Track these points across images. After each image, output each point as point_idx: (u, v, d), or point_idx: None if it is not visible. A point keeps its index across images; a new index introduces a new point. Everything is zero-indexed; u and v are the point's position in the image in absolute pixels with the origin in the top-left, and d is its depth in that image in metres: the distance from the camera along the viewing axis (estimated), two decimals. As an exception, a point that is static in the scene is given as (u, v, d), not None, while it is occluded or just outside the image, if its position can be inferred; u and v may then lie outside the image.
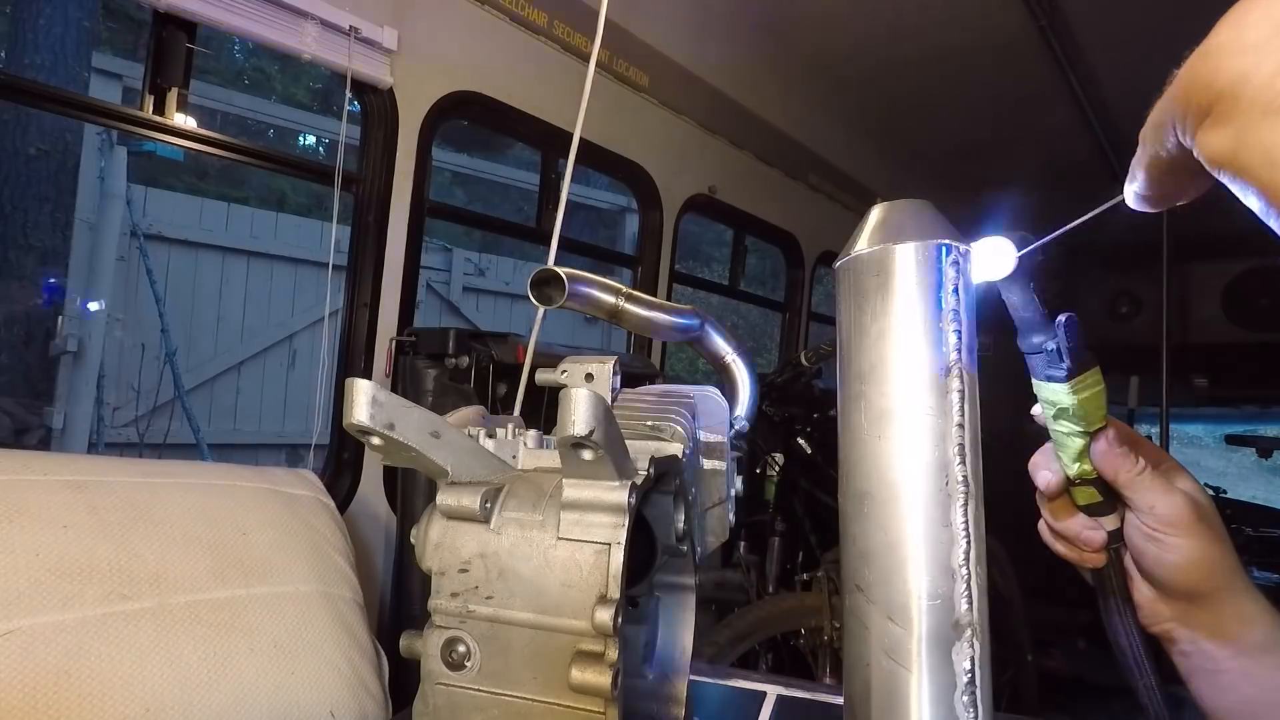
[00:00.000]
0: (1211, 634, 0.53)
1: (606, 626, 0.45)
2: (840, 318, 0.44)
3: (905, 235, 0.41)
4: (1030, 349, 0.49)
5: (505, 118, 2.41)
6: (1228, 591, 0.52)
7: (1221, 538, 0.53)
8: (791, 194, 3.95)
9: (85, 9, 5.25)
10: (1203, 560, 0.51)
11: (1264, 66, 0.23)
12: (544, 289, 0.75)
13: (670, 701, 0.64)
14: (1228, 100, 0.24)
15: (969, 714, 0.39)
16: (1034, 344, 0.49)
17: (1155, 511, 0.51)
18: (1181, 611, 0.54)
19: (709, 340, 0.92)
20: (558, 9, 2.46)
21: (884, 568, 0.41)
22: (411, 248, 2.13)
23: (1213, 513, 0.53)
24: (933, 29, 3.09)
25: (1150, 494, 0.51)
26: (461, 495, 0.49)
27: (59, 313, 5.17)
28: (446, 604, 0.49)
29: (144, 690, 1.04)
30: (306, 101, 8.62)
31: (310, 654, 1.24)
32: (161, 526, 1.19)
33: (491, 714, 0.49)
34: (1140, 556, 0.54)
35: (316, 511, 1.46)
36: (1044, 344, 0.48)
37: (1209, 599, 0.52)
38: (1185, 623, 0.54)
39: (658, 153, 3.00)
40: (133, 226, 5.61)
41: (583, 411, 0.42)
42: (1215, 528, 0.53)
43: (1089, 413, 0.49)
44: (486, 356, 2.00)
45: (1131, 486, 0.52)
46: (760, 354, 8.87)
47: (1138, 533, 0.53)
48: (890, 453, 0.41)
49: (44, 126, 4.99)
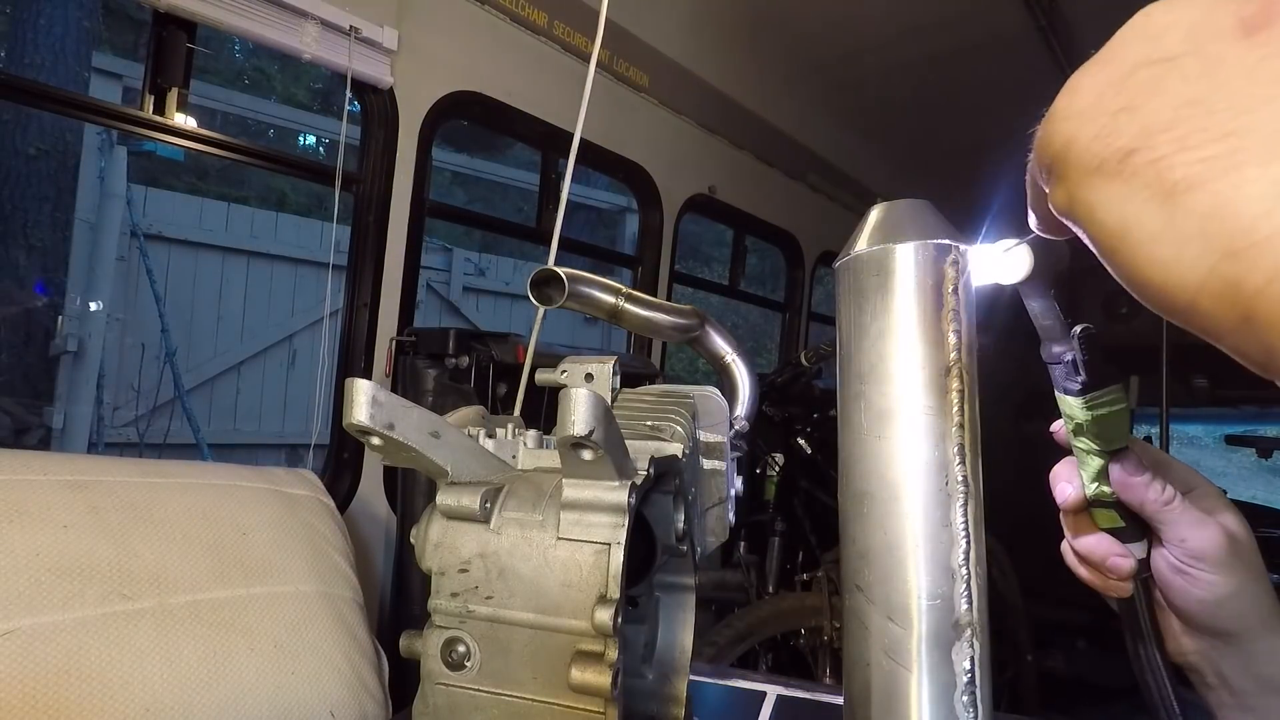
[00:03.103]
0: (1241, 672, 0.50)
1: (606, 626, 0.45)
2: (840, 318, 0.44)
3: (905, 235, 0.41)
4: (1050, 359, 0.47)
5: (505, 118, 2.41)
6: (1261, 630, 0.49)
7: (1258, 575, 0.49)
8: (791, 194, 3.95)
9: (85, 9, 5.25)
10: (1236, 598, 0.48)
11: (1085, 131, 0.26)
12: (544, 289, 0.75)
13: (670, 701, 0.64)
14: (1060, 161, 0.27)
15: (969, 714, 0.39)
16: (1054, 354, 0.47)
17: (1185, 545, 0.48)
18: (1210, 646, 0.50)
19: (709, 340, 0.92)
20: (558, 9, 2.46)
21: (884, 568, 0.41)
22: (411, 248, 2.13)
23: (1251, 548, 0.50)
24: (933, 29, 3.09)
25: (1180, 526, 0.48)
26: (461, 495, 0.49)
27: (59, 312, 5.17)
28: (446, 604, 0.49)
29: (144, 690, 1.04)
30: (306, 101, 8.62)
31: (310, 654, 1.24)
32: (161, 526, 1.19)
33: (491, 714, 0.49)
34: (1167, 588, 0.50)
35: (316, 511, 1.46)
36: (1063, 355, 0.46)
37: (1240, 638, 0.49)
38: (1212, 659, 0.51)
39: (658, 153, 3.00)
40: (133, 226, 5.61)
41: (583, 411, 0.42)
42: (1252, 564, 0.49)
43: (1106, 432, 0.47)
44: (486, 356, 2.00)
45: (1159, 518, 0.48)
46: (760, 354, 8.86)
47: (1165, 563, 0.50)
48: (890, 453, 0.41)
49: (44, 126, 4.99)
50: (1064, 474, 0.51)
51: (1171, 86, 0.24)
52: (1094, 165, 0.26)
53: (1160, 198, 0.23)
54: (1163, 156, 0.23)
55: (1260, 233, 0.21)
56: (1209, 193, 0.22)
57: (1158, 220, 0.24)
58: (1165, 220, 0.23)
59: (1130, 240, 0.25)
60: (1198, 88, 0.23)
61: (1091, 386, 0.46)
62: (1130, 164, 0.24)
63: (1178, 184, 0.23)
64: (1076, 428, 0.48)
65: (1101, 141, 0.25)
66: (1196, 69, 0.24)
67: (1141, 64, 0.25)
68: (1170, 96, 0.24)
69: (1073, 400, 0.47)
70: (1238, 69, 0.23)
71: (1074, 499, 0.50)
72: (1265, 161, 0.21)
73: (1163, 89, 0.24)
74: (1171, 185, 0.23)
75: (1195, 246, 0.22)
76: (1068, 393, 0.47)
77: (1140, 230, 0.24)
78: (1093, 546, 0.51)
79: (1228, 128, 0.22)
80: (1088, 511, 0.51)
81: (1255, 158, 0.21)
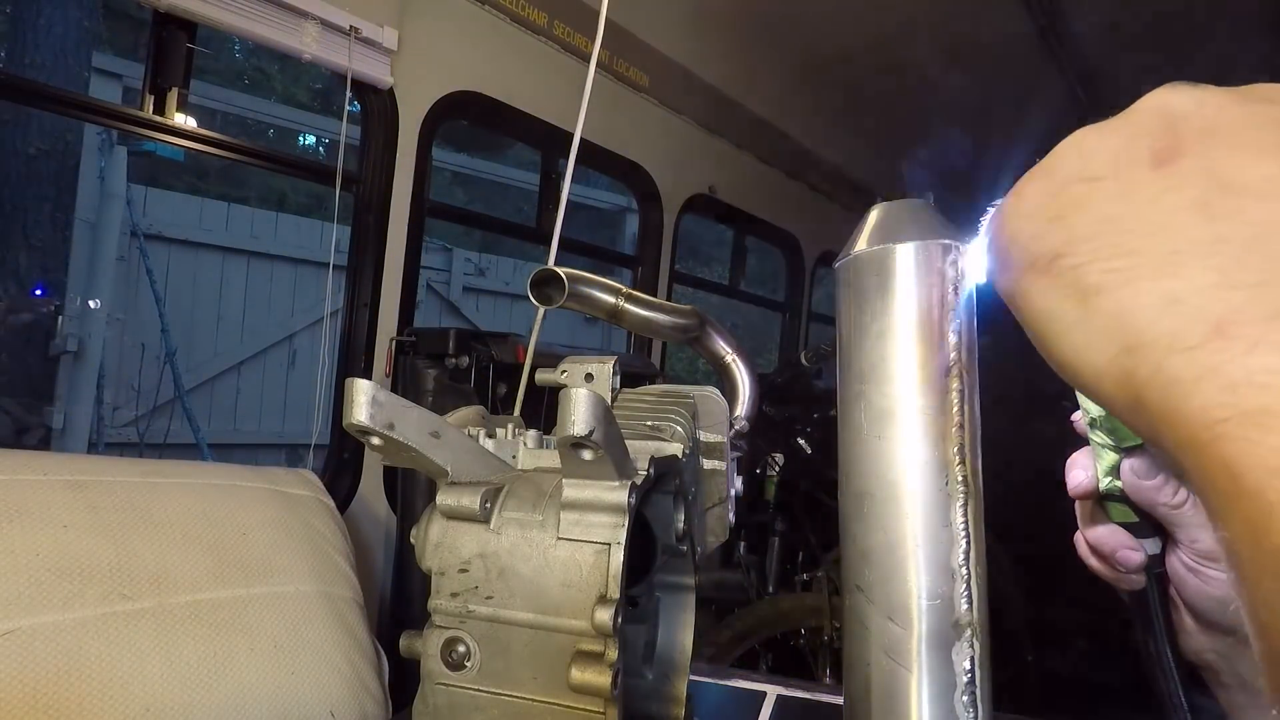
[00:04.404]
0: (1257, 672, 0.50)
1: (606, 626, 0.45)
2: (840, 318, 0.44)
3: (905, 235, 0.41)
4: None
5: (505, 118, 2.41)
6: None
7: None
8: (791, 194, 3.95)
9: (85, 9, 5.25)
10: None
11: (1024, 231, 0.31)
12: (544, 289, 0.75)
13: (670, 701, 0.64)
14: (1004, 253, 0.32)
15: (969, 714, 0.39)
16: None
17: (1196, 546, 0.48)
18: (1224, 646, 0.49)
19: (709, 340, 0.92)
20: (558, 9, 2.46)
21: (884, 568, 0.41)
22: (411, 248, 2.13)
23: None
24: (933, 29, 3.09)
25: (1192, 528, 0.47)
26: (461, 495, 0.49)
27: (59, 313, 5.17)
28: (446, 604, 0.49)
29: (144, 690, 1.04)
30: (306, 101, 8.62)
31: (310, 654, 1.24)
32: (161, 526, 1.19)
33: (491, 714, 0.49)
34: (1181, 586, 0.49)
35: (316, 511, 1.46)
36: None
37: None
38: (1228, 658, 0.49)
39: (658, 153, 3.00)
40: (133, 226, 5.62)
41: (583, 411, 0.42)
42: None
43: (1120, 429, 0.46)
44: (486, 356, 2.00)
45: (1170, 519, 0.48)
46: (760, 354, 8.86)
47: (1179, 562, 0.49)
48: (890, 453, 0.41)
49: (44, 126, 4.99)
50: (1080, 462, 0.51)
51: (1094, 203, 0.29)
52: (1029, 262, 0.30)
53: (1077, 296, 0.28)
54: (1082, 263, 0.28)
55: (1147, 335, 0.26)
56: (1114, 298, 0.27)
57: (1074, 315, 0.28)
58: (1080, 315, 0.28)
59: (1053, 327, 0.30)
60: (1114, 207, 0.28)
61: None
62: (1056, 266, 0.29)
63: (1090, 287, 0.28)
64: (1090, 421, 0.48)
65: (1036, 243, 0.30)
66: (1114, 190, 0.28)
67: (1073, 180, 0.30)
68: (1092, 212, 0.28)
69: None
70: (1145, 196, 0.27)
71: (1086, 487, 0.50)
72: (1156, 277, 0.26)
73: (1087, 205, 0.29)
74: (1086, 288, 0.28)
75: (1101, 339, 0.27)
76: None
77: (1061, 321, 0.29)
78: (1104, 538, 0.51)
79: (1132, 245, 0.27)
80: (1101, 503, 0.51)
81: (1148, 273, 0.26)
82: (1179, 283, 0.25)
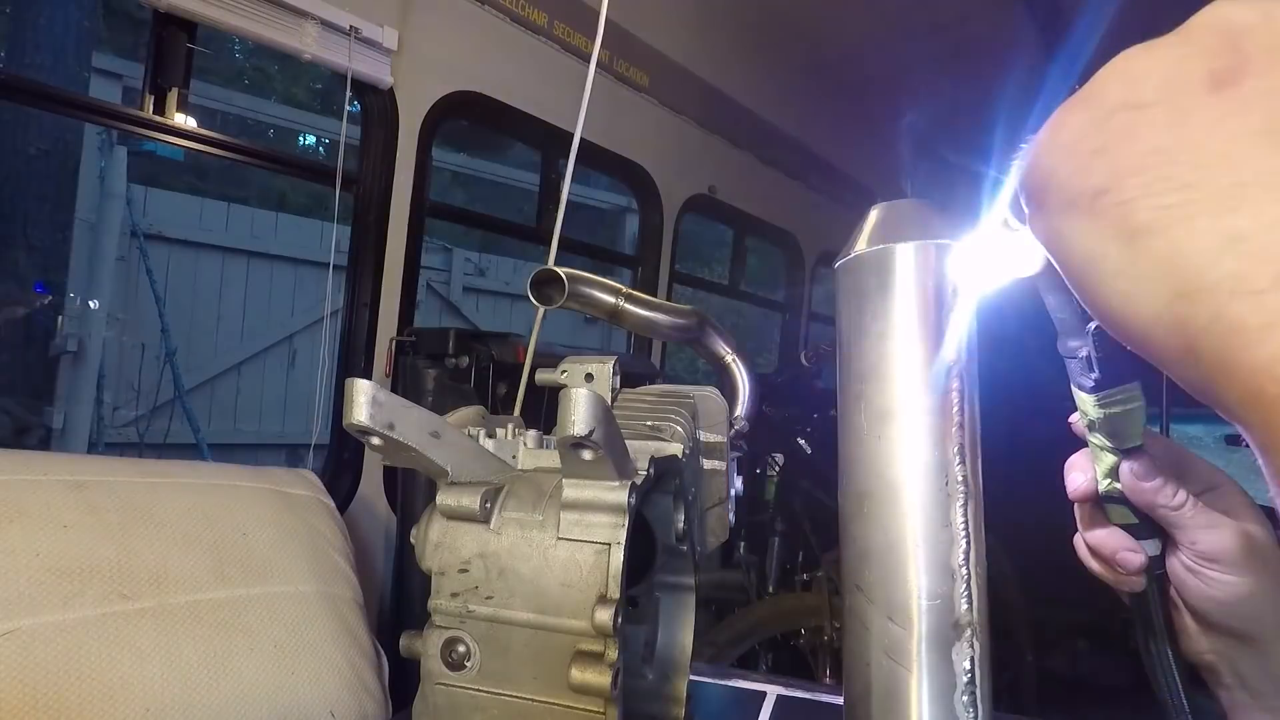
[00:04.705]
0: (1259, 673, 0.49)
1: (606, 626, 0.45)
2: (840, 318, 0.44)
3: (905, 235, 0.41)
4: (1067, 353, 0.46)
5: (505, 118, 2.41)
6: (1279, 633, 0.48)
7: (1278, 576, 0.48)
8: (791, 194, 3.95)
9: (85, 9, 5.24)
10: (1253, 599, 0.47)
11: (1064, 167, 0.28)
12: (544, 289, 0.75)
13: (670, 701, 0.64)
14: (1040, 192, 0.29)
15: (969, 714, 0.39)
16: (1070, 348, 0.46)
17: (1196, 547, 0.47)
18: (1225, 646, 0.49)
19: (709, 340, 0.92)
20: (558, 9, 2.46)
21: (884, 568, 0.41)
22: (411, 248, 2.13)
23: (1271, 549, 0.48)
24: (933, 29, 3.09)
25: (1191, 530, 0.47)
26: (461, 495, 0.49)
27: (59, 312, 5.16)
28: (446, 604, 0.49)
29: (144, 690, 1.04)
30: (306, 101, 8.61)
31: (310, 654, 1.24)
32: (161, 526, 1.19)
33: (491, 714, 0.49)
34: (1182, 587, 0.49)
35: (316, 511, 1.46)
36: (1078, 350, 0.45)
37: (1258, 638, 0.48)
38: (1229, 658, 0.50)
39: (658, 153, 3.00)
40: (133, 226, 5.61)
41: (583, 411, 0.42)
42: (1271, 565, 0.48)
43: (1119, 430, 0.46)
44: (486, 356, 2.00)
45: (1169, 521, 0.48)
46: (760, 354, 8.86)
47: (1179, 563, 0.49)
48: (890, 453, 0.41)
49: (44, 126, 4.98)
50: (1079, 464, 0.51)
51: (1142, 133, 0.25)
52: (1069, 200, 0.28)
53: (1124, 237, 0.25)
54: (1129, 200, 0.25)
55: (1206, 279, 0.23)
56: (1166, 238, 0.24)
57: (1121, 257, 0.26)
58: (1127, 258, 0.25)
59: (1096, 272, 0.27)
60: (1165, 137, 0.25)
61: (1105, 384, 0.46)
62: (1100, 203, 0.26)
63: (1140, 227, 0.25)
64: (1090, 424, 0.48)
65: (1077, 179, 0.27)
66: (1166, 118, 0.25)
67: (1118, 107, 0.26)
68: (1140, 143, 0.25)
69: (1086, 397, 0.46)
70: (1202, 123, 0.24)
71: (1085, 489, 0.50)
72: (1215, 214, 0.23)
73: (1134, 135, 0.26)
74: (1134, 228, 0.25)
75: (1151, 285, 0.25)
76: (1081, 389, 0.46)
77: (1105, 264, 0.26)
78: (1103, 540, 0.51)
79: (1187, 179, 0.24)
80: (1101, 505, 0.51)
81: (1207, 210, 0.23)
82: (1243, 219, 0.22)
